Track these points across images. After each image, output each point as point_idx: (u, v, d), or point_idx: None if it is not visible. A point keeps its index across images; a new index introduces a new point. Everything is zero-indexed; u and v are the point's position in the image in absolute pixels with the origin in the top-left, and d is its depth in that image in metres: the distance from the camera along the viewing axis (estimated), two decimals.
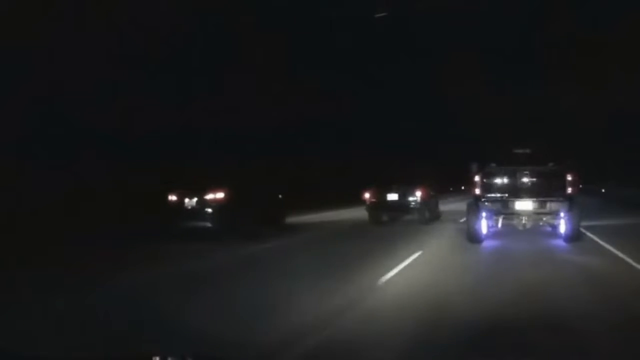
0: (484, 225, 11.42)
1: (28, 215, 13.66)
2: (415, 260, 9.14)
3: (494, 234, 12.11)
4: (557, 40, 29.96)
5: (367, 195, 16.41)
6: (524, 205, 11.21)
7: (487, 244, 11.27)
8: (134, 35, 17.33)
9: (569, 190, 10.95)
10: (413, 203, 15.84)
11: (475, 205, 11.29)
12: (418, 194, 15.80)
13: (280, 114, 26.09)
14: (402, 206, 16.04)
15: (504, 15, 30.07)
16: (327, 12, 26.44)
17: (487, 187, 11.32)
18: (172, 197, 12.94)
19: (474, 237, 11.21)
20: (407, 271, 8.11)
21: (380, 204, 16.20)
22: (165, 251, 10.92)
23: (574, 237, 11.05)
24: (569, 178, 10.97)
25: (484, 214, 11.32)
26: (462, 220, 14.08)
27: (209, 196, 12.62)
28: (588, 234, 12.09)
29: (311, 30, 27.16)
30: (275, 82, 25.22)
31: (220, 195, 12.60)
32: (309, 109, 28.05)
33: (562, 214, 11.12)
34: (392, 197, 16.07)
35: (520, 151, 12.11)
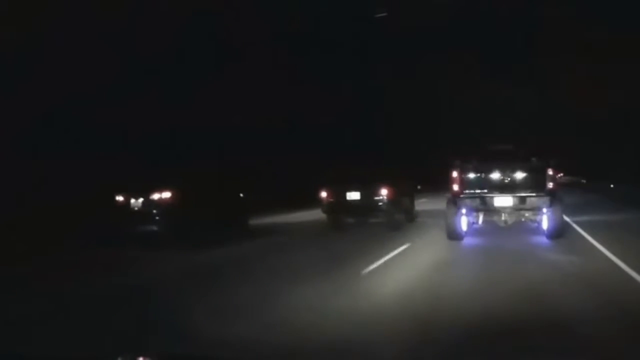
0: (463, 222, 11.09)
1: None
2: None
3: (474, 232, 11.75)
4: (557, 39, 29.58)
5: (323, 195, 13.91)
6: (504, 201, 10.82)
7: (466, 241, 10.92)
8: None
9: (550, 185, 10.55)
10: (379, 203, 13.39)
11: (454, 202, 10.90)
12: (384, 192, 13.30)
13: (273, 114, 25.90)
14: (365, 207, 13.53)
15: (504, 15, 29.80)
16: (327, 12, 26.36)
17: (466, 184, 10.95)
18: (119, 198, 11.81)
19: (453, 235, 10.87)
20: None
21: (338, 205, 13.76)
22: (85, 262, 9.66)
23: (557, 233, 10.69)
24: (550, 173, 10.57)
25: (463, 211, 10.95)
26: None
27: (155, 196, 11.42)
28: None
29: (310, 30, 27.03)
30: (272, 82, 25.04)
31: (166, 195, 11.38)
32: (306, 110, 27.84)
33: (544, 210, 10.71)
34: (353, 196, 13.58)
35: (502, 147, 11.74)
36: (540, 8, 26.88)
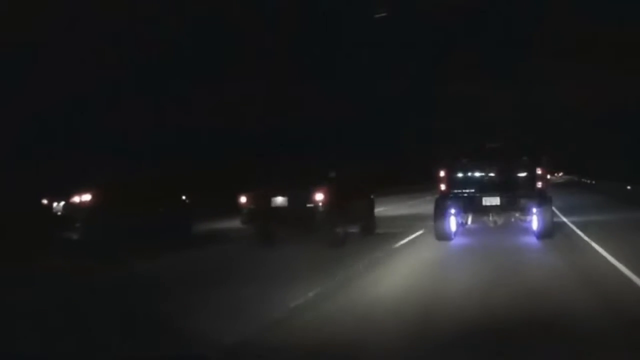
0: (452, 223, 11.05)
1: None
2: None
3: (463, 232, 11.68)
4: (557, 39, 29.57)
5: (242, 200, 11.10)
6: (493, 201, 10.77)
7: (455, 241, 10.90)
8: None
9: (539, 185, 10.55)
10: (311, 211, 10.35)
11: (442, 203, 10.89)
12: (319, 197, 10.33)
13: (273, 114, 26.03)
14: (294, 215, 10.54)
15: (504, 15, 29.83)
16: (327, 12, 26.45)
17: (455, 183, 10.93)
18: (44, 201, 10.74)
19: (442, 235, 10.82)
20: None
21: (260, 213, 10.85)
22: None
23: (547, 233, 10.59)
24: (539, 172, 10.57)
25: (452, 211, 10.94)
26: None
27: (76, 199, 10.19)
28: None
29: (310, 30, 27.14)
30: (272, 82, 25.15)
31: (86, 197, 10.07)
32: (306, 110, 27.94)
33: (533, 210, 10.70)
34: (280, 202, 10.72)
35: (492, 145, 11.69)
36: (540, 7, 26.93)
